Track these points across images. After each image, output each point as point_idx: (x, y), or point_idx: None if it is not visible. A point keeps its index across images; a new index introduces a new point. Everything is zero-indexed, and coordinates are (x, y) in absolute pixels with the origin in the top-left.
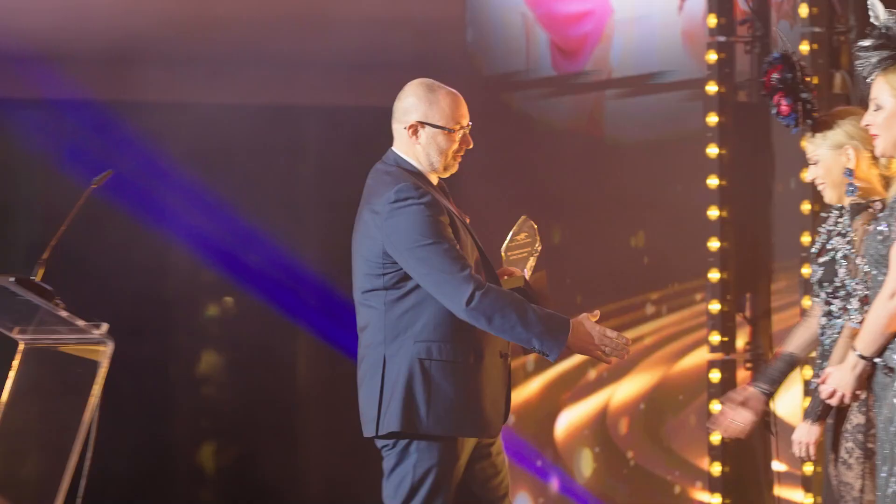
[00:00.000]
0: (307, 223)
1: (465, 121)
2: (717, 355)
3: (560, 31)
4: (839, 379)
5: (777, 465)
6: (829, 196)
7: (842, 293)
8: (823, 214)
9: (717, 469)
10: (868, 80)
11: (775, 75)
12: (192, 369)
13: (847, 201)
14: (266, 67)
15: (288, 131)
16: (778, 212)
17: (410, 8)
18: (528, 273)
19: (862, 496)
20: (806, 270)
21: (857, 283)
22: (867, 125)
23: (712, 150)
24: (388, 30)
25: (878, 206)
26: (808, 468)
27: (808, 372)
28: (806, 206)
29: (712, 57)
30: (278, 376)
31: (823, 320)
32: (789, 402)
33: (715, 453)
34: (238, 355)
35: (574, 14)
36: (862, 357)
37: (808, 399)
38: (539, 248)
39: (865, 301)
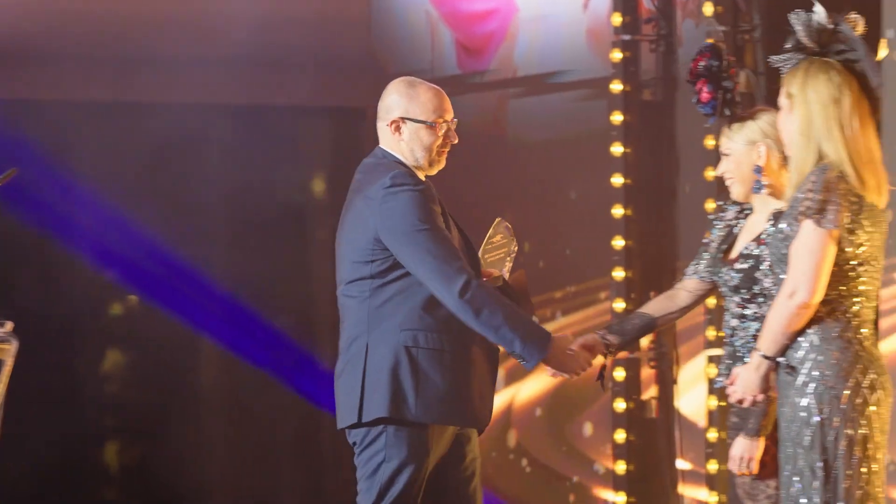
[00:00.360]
0: (209, 221)
1: (449, 115)
2: (622, 354)
3: (465, 29)
4: (745, 381)
5: (681, 464)
6: (737, 191)
7: (760, 299)
8: (721, 203)
9: (621, 468)
10: None
11: (702, 62)
12: (97, 368)
13: (754, 199)
14: (167, 66)
15: (190, 129)
16: (682, 210)
17: (315, 6)
18: (506, 274)
19: (777, 493)
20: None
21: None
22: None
23: (616, 149)
24: (293, 28)
25: None
26: (713, 466)
27: (712, 370)
28: (710, 205)
29: (617, 55)
30: (182, 376)
31: (735, 322)
32: (693, 401)
33: (619, 452)
34: (142, 354)
35: (479, 12)
36: (765, 357)
37: (713, 397)
38: (515, 249)
39: None
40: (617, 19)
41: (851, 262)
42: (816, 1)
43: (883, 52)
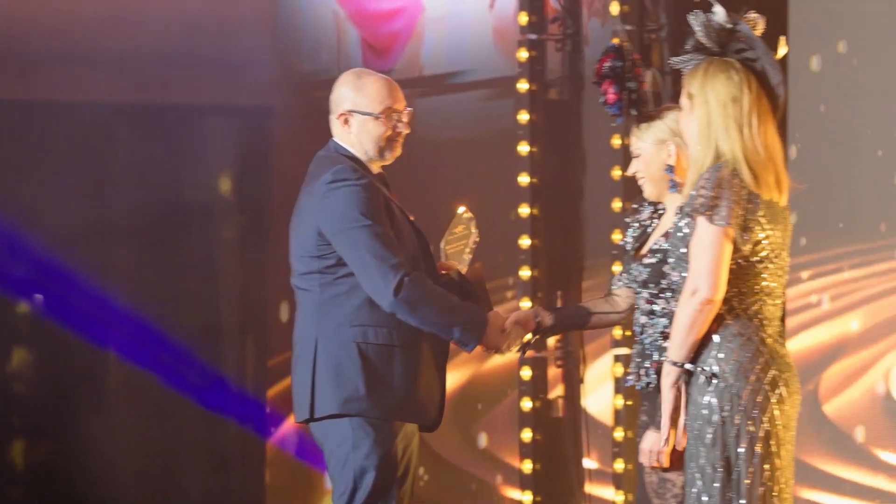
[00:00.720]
0: (115, 220)
1: (399, 105)
2: (529, 352)
3: (371, 28)
4: (663, 402)
5: (588, 463)
6: (649, 191)
7: (668, 294)
8: (635, 206)
9: (528, 466)
10: None
11: (607, 63)
12: (2, 366)
13: (667, 198)
14: (72, 64)
15: (95, 129)
16: (588, 209)
17: (221, 5)
18: (465, 266)
19: (684, 492)
20: (617, 268)
21: None
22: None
23: (523, 148)
24: (200, 27)
25: None
26: (619, 465)
27: (619, 369)
28: (617, 204)
29: (523, 55)
30: (89, 375)
31: (644, 319)
32: (600, 400)
33: (526, 451)
34: (49, 353)
35: (385, 11)
36: (674, 364)
37: (619, 397)
38: (477, 241)
39: None
40: (523, 18)
41: (751, 260)
42: (716, 1)
43: (782, 49)
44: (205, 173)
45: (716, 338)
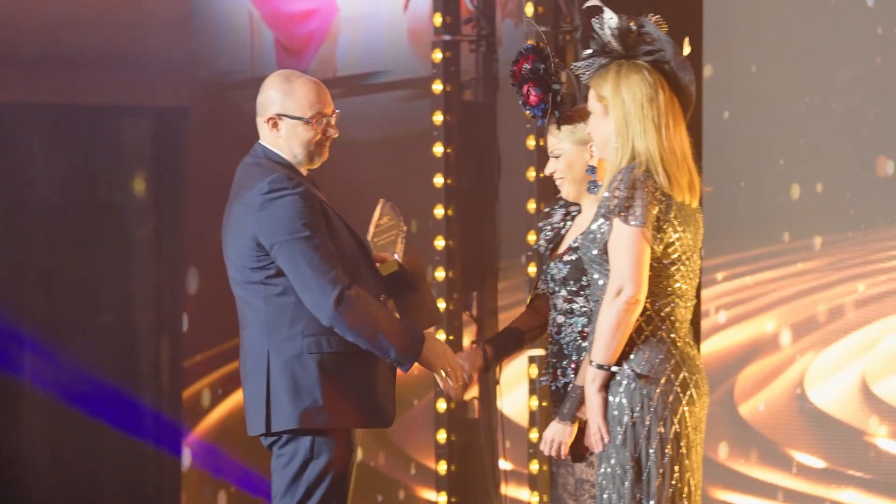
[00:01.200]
0: (28, 220)
1: (328, 108)
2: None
3: (285, 30)
4: (588, 407)
5: (503, 464)
6: (568, 191)
7: (587, 292)
8: (546, 209)
9: (443, 468)
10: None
11: (526, 66)
12: None
13: (588, 200)
14: None
15: (8, 129)
16: (503, 210)
17: (135, 5)
18: (399, 256)
19: None
20: (533, 269)
21: None
22: (589, 132)
23: (438, 149)
24: (114, 27)
25: None
26: (535, 467)
27: (534, 371)
28: (531, 205)
29: (438, 56)
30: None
31: (562, 318)
32: (515, 402)
33: (441, 452)
34: None
35: (299, 13)
36: (600, 367)
37: (534, 398)
38: (405, 229)
39: None
40: (438, 19)
41: (663, 262)
42: (610, 5)
43: (686, 49)
44: (119, 174)
45: (630, 338)
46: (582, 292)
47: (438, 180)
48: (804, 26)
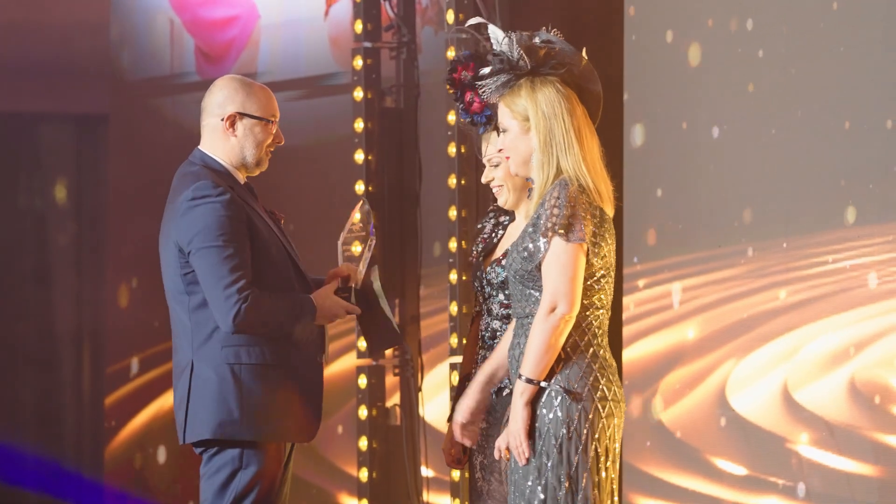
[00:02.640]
0: None
1: (278, 115)
2: (366, 361)
3: (206, 36)
4: (512, 420)
5: (425, 471)
6: (506, 199)
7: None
8: (479, 226)
9: (364, 475)
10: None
11: (466, 73)
12: None
13: (524, 207)
14: None
15: None
16: (425, 218)
17: (54, 12)
18: (363, 266)
19: None
20: (454, 276)
21: None
22: (498, 150)
23: (359, 156)
24: (32, 33)
25: None
26: (456, 474)
27: (456, 378)
28: (453, 212)
29: (359, 63)
30: None
31: (497, 324)
32: (437, 409)
33: (363, 459)
34: None
35: (220, 20)
36: (529, 381)
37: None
38: (373, 242)
39: None
40: (358, 26)
41: (595, 275)
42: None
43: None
44: (39, 181)
45: (561, 353)
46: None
47: (360, 187)
48: (717, 43)
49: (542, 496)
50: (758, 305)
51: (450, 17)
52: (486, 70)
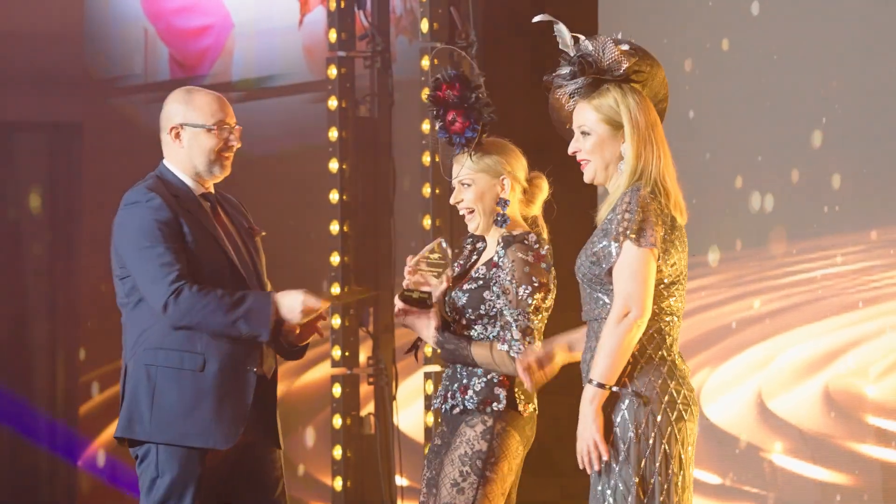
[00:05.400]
0: None
1: (230, 120)
2: (340, 370)
3: (180, 45)
4: (583, 426)
5: (399, 480)
6: (476, 224)
7: (486, 320)
8: (458, 251)
9: (339, 484)
10: (567, 108)
11: (451, 92)
12: None
13: (493, 232)
14: None
15: None
16: (399, 226)
17: (28, 20)
18: (436, 292)
19: None
20: None
21: (518, 315)
22: (573, 152)
23: (333, 165)
24: (6, 42)
25: (532, 238)
26: None
27: (430, 387)
28: (427, 221)
29: (333, 72)
30: None
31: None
32: (411, 417)
33: (337, 468)
34: None
35: (194, 29)
36: (601, 385)
37: (430, 414)
38: (449, 274)
39: (528, 332)
40: (333, 36)
41: (665, 282)
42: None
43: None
44: (14, 189)
45: (630, 358)
46: (480, 321)
47: (334, 196)
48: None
49: (611, 500)
50: (732, 315)
51: (424, 26)
52: (566, 70)
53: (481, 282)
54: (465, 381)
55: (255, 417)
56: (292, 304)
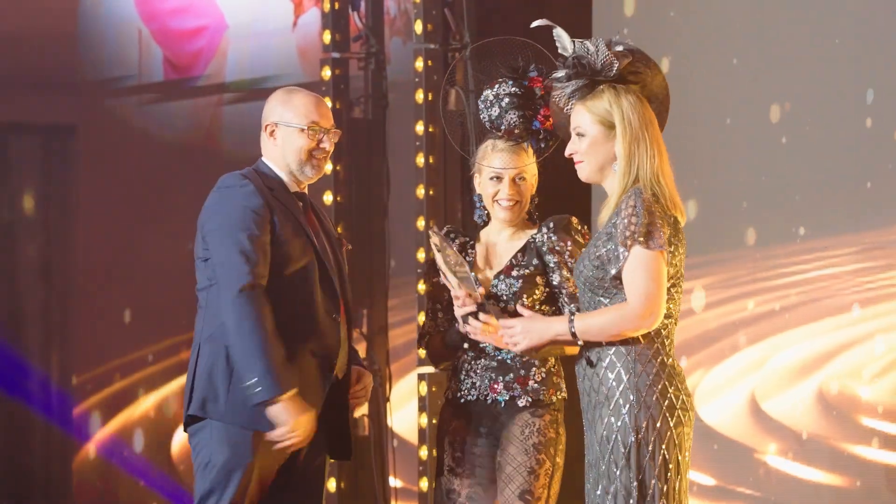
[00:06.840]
0: None
1: (326, 122)
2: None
3: (174, 47)
4: (538, 331)
5: (393, 481)
6: (513, 217)
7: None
8: (453, 237)
9: (332, 485)
10: (566, 110)
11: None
12: None
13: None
14: None
15: None
16: (393, 228)
17: (22, 22)
18: (480, 290)
19: None
20: (423, 287)
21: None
22: (570, 154)
23: (328, 167)
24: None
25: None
26: (424, 484)
27: (424, 388)
28: (420, 223)
29: (327, 73)
30: None
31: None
32: (405, 419)
33: (331, 470)
34: None
35: (188, 30)
36: (574, 335)
37: (424, 415)
38: (463, 260)
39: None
40: (327, 37)
41: (666, 284)
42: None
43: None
44: (8, 191)
45: (629, 360)
46: (534, 308)
47: (328, 197)
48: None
49: (609, 502)
50: (726, 316)
51: (418, 27)
52: (562, 73)
53: (532, 269)
54: (521, 371)
55: (324, 418)
56: (281, 417)
